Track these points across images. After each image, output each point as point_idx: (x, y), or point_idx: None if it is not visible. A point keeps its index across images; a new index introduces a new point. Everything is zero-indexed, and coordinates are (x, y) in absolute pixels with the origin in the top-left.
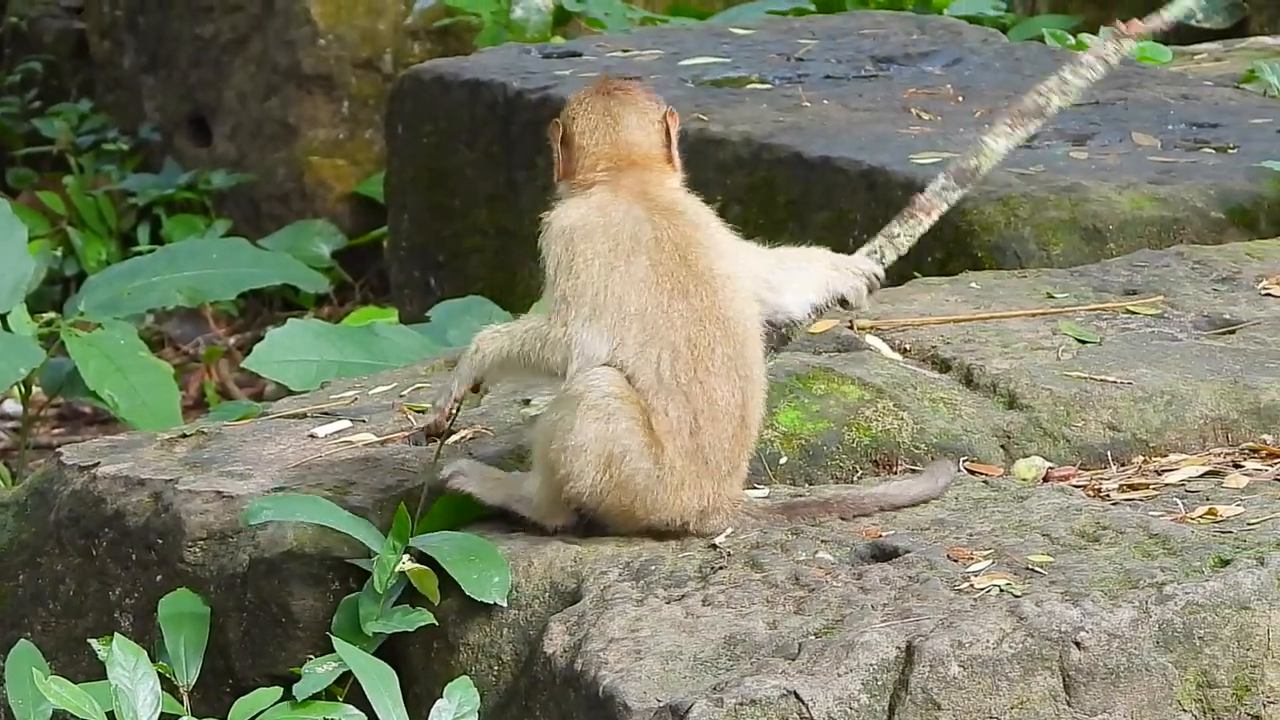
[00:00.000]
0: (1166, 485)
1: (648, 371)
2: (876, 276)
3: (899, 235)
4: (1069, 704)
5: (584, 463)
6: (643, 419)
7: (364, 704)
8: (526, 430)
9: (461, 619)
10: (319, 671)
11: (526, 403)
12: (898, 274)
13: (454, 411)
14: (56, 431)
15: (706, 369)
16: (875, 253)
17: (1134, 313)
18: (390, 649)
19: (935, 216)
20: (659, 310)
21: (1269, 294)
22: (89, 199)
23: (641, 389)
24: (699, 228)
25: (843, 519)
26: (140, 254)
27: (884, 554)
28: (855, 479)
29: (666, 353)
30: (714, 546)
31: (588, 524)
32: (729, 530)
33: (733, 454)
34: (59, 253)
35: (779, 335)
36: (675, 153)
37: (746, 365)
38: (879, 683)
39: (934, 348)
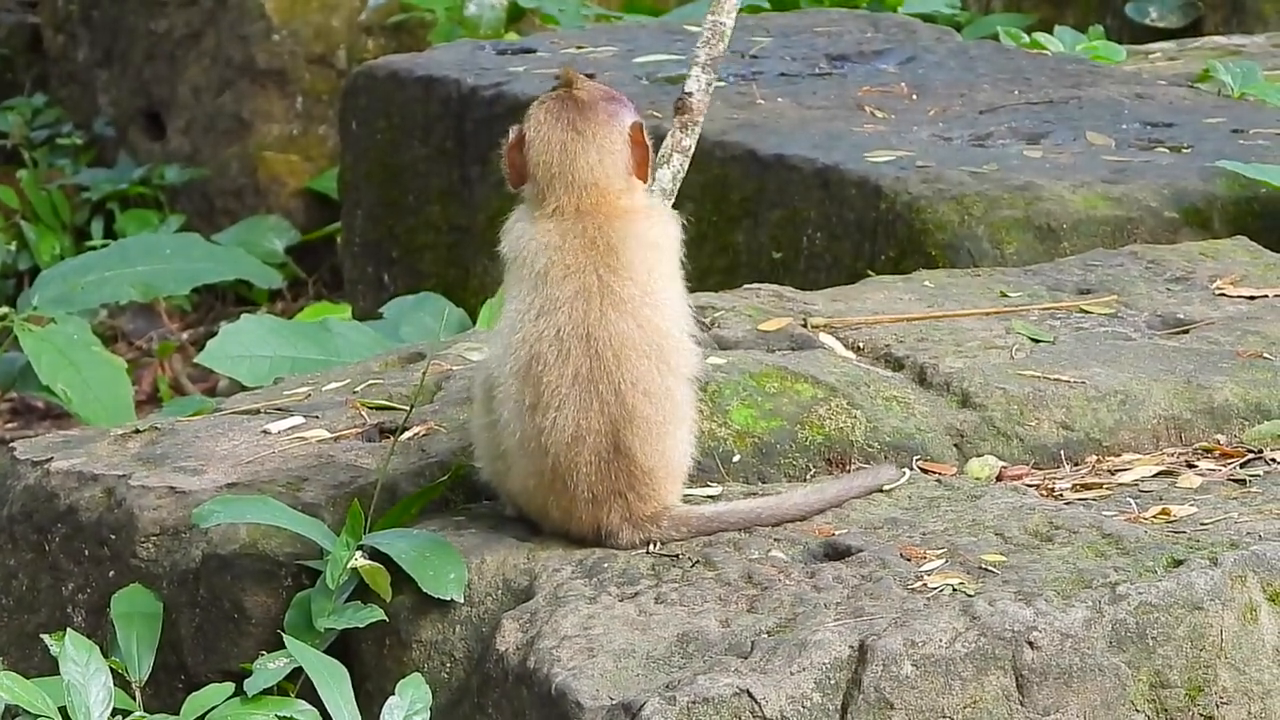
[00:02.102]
0: (1120, 485)
1: (502, 386)
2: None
3: (690, 146)
4: (1022, 704)
5: (480, 460)
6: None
7: (316, 700)
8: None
9: (414, 616)
10: (270, 668)
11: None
12: (852, 272)
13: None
14: (9, 426)
15: (552, 389)
16: (678, 172)
17: (1087, 312)
18: (342, 646)
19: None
20: (519, 327)
21: (1222, 294)
22: (43, 193)
23: (499, 402)
24: (613, 248)
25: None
26: (94, 249)
27: (837, 553)
28: (808, 477)
29: (513, 367)
30: (664, 545)
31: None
32: (645, 548)
33: (607, 479)
34: (12, 247)
35: None
36: (648, 164)
37: (617, 386)
38: (832, 681)
39: (887, 346)
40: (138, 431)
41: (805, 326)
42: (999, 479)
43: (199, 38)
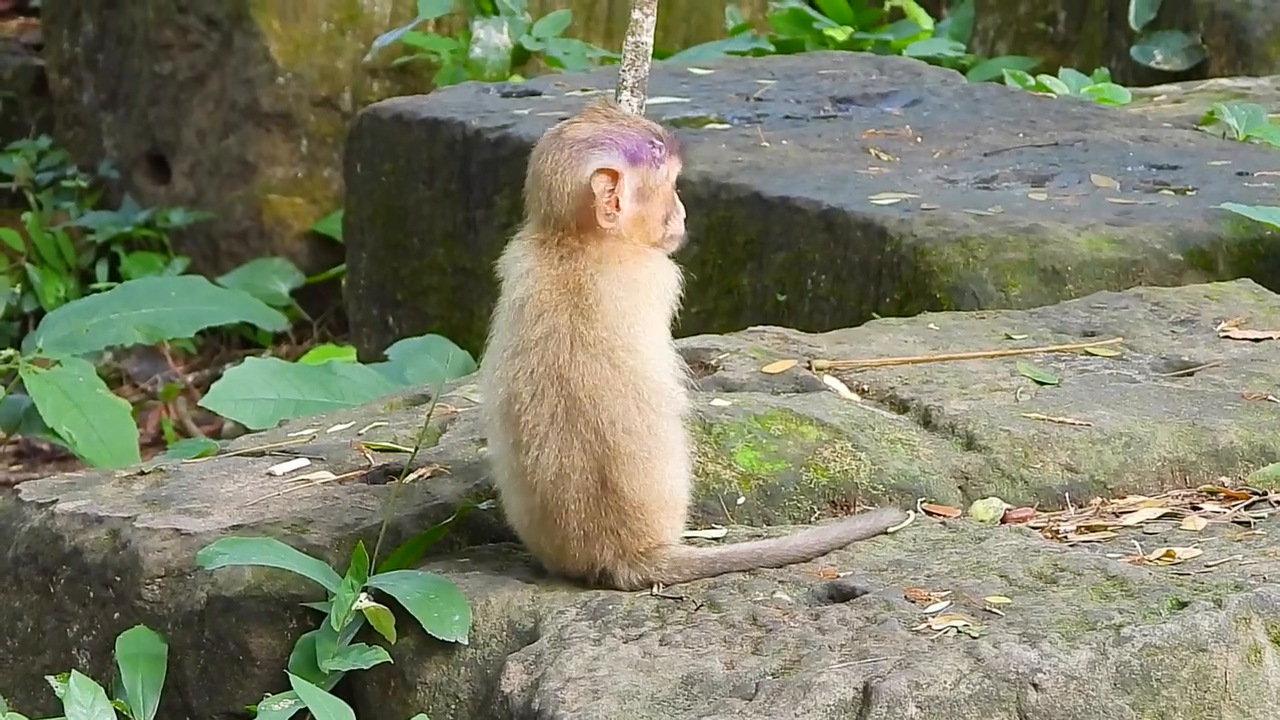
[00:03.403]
0: (1124, 527)
1: (489, 425)
2: None
3: None
4: None
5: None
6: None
7: None
8: (484, 469)
9: (419, 658)
10: (275, 709)
11: (483, 442)
12: (856, 315)
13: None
14: (14, 468)
15: (530, 428)
16: None
17: (1092, 354)
18: (347, 688)
19: None
20: (498, 364)
21: (1227, 336)
22: (47, 236)
23: (489, 440)
24: (591, 292)
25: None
26: (99, 291)
27: (841, 594)
28: (813, 519)
29: (495, 404)
30: (667, 587)
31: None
32: (647, 589)
33: (597, 516)
34: (17, 289)
35: None
36: (603, 213)
37: (596, 426)
38: None
39: (892, 388)
40: (143, 473)
41: (810, 369)
42: (1004, 521)
43: (204, 81)
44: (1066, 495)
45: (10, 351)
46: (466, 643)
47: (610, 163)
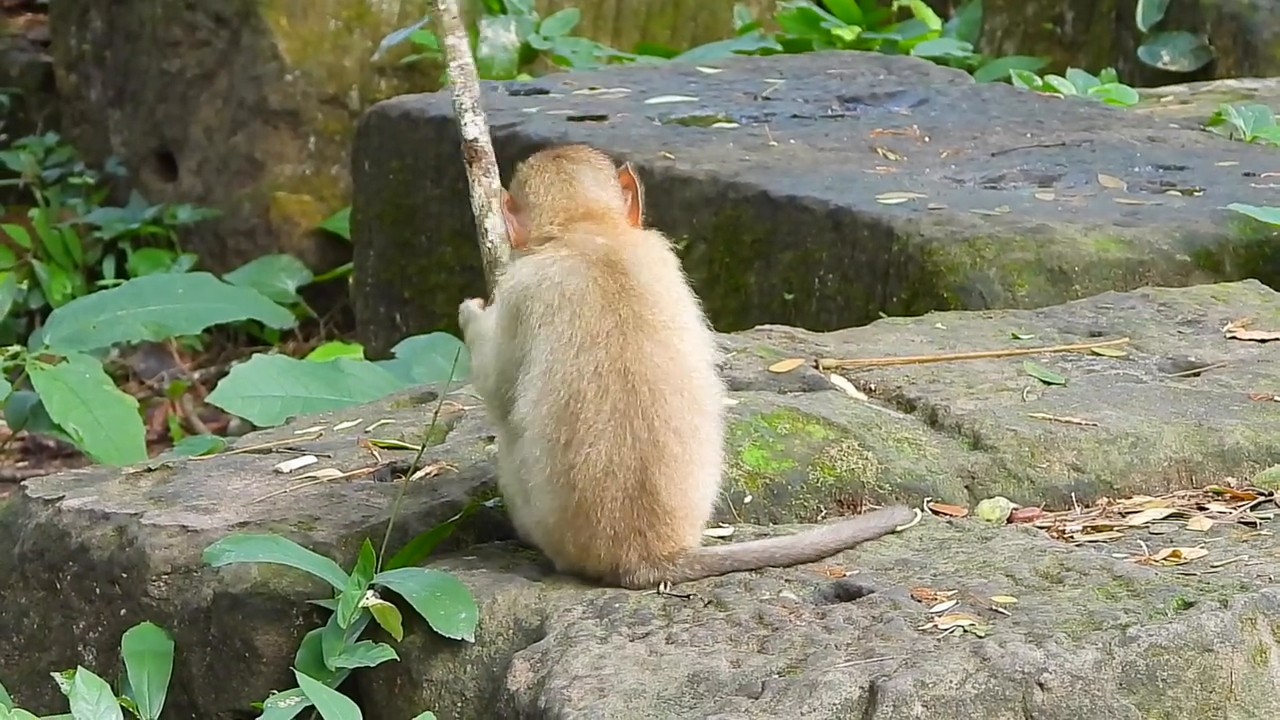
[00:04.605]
0: (1130, 527)
1: (535, 426)
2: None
3: (499, 187)
4: None
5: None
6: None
7: None
8: (491, 467)
9: (425, 655)
10: (281, 706)
11: (490, 439)
12: (863, 314)
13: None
14: (20, 465)
15: (588, 425)
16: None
17: (1099, 354)
18: (354, 685)
19: None
20: (559, 365)
21: (1234, 336)
22: (54, 232)
23: (529, 442)
24: (635, 276)
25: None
26: (106, 288)
27: (848, 594)
28: (819, 518)
29: (551, 408)
30: (675, 585)
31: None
32: (656, 588)
33: (629, 517)
34: (24, 286)
35: None
36: (637, 207)
37: (650, 422)
38: None
39: (899, 388)
40: (149, 470)
41: (817, 368)
42: (1010, 521)
43: (212, 78)
44: (1073, 495)
45: (17, 348)
46: (473, 640)
47: (625, 169)
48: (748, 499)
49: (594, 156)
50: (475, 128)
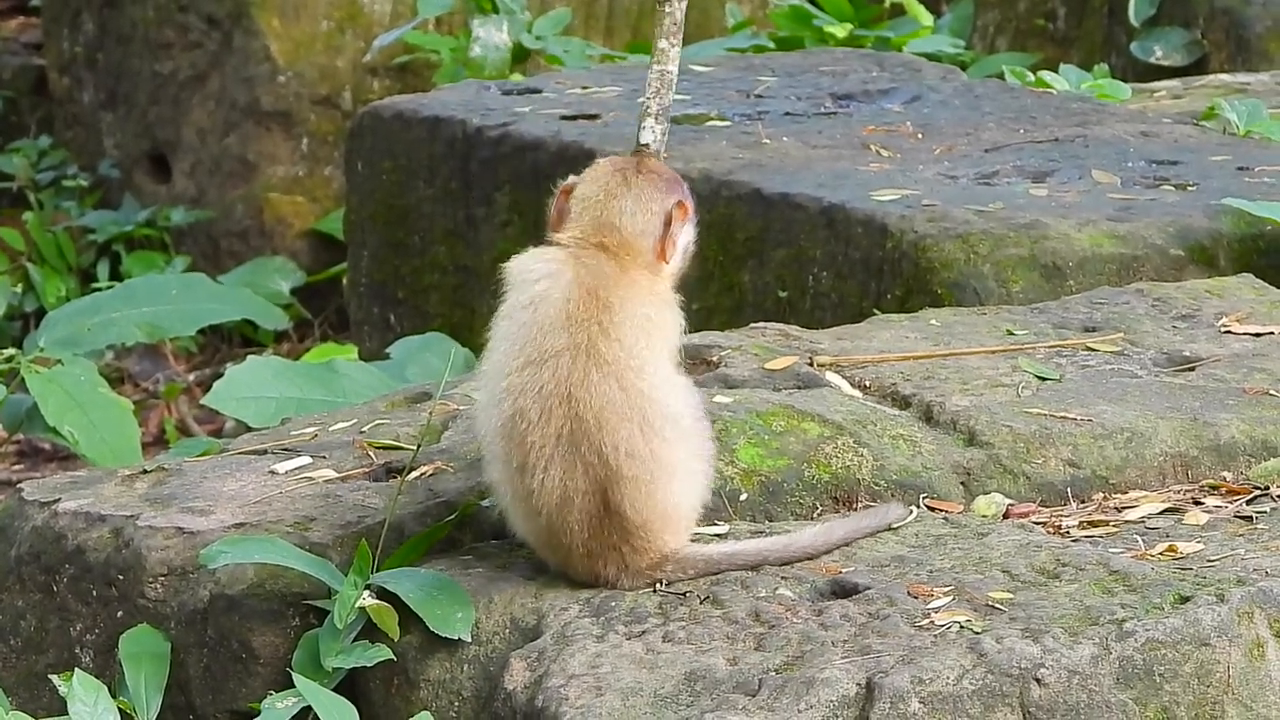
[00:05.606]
0: (1126, 522)
1: (491, 446)
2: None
3: None
4: None
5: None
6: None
7: None
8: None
9: (422, 655)
10: (279, 707)
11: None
12: (857, 311)
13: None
14: (16, 468)
15: (538, 449)
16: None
17: (1094, 350)
18: (350, 685)
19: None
20: (506, 369)
21: (1228, 331)
22: (48, 235)
23: (488, 463)
24: (611, 311)
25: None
26: (100, 290)
27: (844, 590)
28: (815, 516)
29: (500, 423)
30: (670, 584)
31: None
32: (651, 588)
33: (599, 535)
34: (18, 289)
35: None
36: (670, 245)
37: (599, 449)
38: (839, 719)
39: (894, 384)
40: (145, 472)
41: (811, 365)
42: (1006, 516)
43: (204, 80)
44: (1068, 490)
45: (12, 351)
46: (470, 640)
47: (686, 201)
48: (743, 496)
49: (654, 181)
50: (651, 134)
